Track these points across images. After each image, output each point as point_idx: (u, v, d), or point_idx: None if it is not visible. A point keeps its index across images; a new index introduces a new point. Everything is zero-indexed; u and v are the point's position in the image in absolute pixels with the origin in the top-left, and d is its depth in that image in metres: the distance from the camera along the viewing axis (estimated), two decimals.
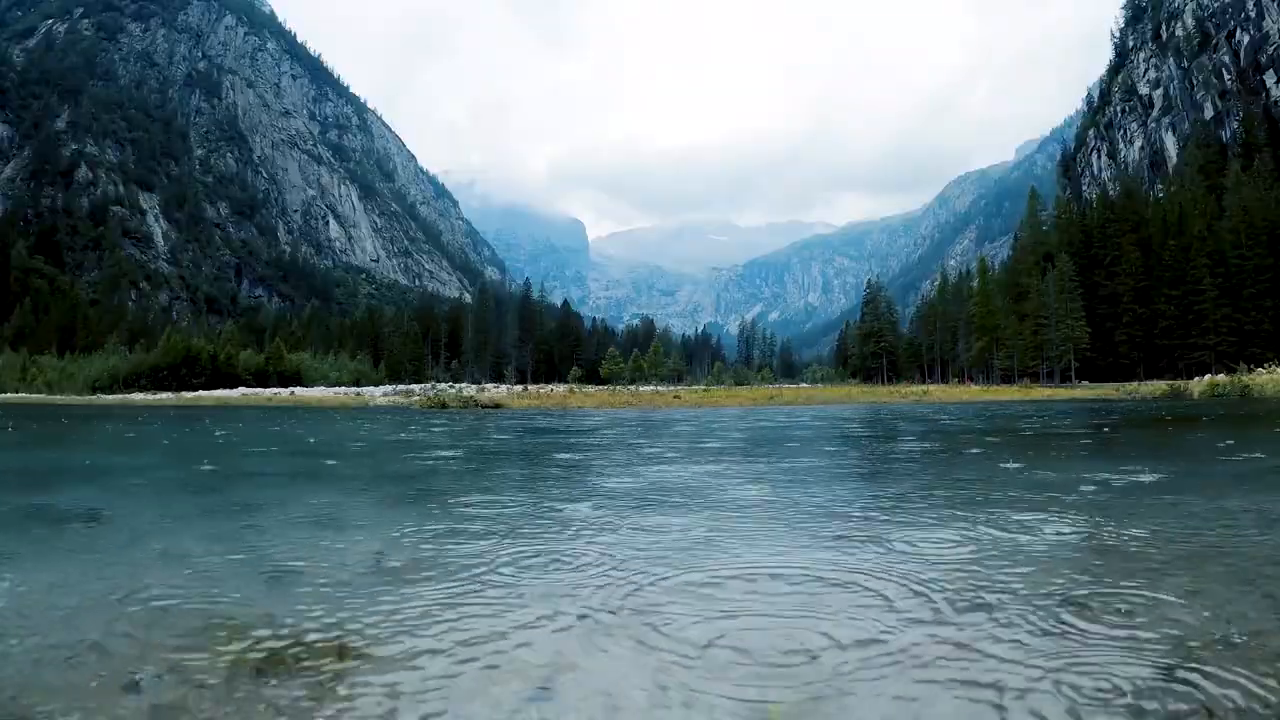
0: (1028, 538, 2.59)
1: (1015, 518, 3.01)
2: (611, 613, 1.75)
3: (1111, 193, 69.32)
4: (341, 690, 1.31)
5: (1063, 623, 1.62)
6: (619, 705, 1.25)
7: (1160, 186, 78.81)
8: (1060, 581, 1.98)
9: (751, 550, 2.47)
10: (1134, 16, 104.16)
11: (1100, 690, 1.26)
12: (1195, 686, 1.27)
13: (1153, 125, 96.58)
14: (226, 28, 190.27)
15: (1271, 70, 79.78)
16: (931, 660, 1.42)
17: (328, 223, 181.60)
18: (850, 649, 1.48)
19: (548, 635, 1.60)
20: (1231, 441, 6.47)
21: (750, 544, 2.58)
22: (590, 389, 39.32)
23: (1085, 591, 1.88)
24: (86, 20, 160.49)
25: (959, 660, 1.42)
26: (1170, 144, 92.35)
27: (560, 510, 3.36)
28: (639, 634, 1.59)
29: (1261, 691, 1.25)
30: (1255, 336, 48.49)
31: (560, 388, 41.49)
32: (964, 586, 1.94)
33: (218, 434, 10.53)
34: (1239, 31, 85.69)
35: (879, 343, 74.99)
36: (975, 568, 2.15)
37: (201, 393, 40.49)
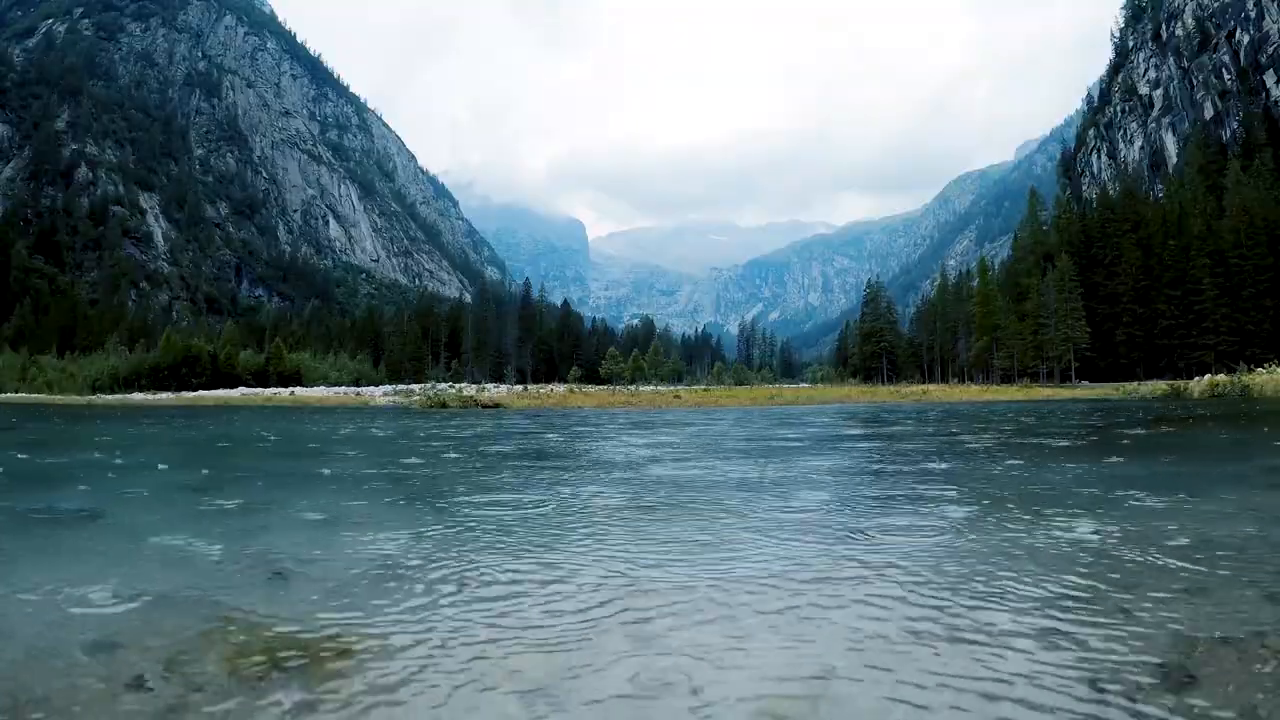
0: (1028, 536, 2.60)
1: (1014, 514, 3.01)
2: (610, 610, 1.75)
3: (1111, 193, 69.21)
4: (343, 690, 1.31)
5: (1062, 620, 1.62)
6: (619, 704, 1.25)
7: (1160, 186, 78.77)
8: (1059, 579, 1.98)
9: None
10: (1134, 16, 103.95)
11: (1099, 688, 1.26)
12: (1195, 686, 1.27)
13: (1153, 125, 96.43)
14: (226, 28, 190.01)
15: (1271, 70, 79.66)
16: (931, 652, 1.42)
17: (328, 223, 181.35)
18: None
19: (549, 635, 1.59)
20: (1231, 441, 6.47)
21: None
22: (590, 389, 39.31)
23: (1084, 590, 1.88)
24: (86, 20, 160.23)
25: (958, 653, 1.41)
26: (1170, 144, 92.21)
27: (559, 510, 3.36)
28: (636, 633, 1.60)
29: (1262, 691, 1.25)
30: (1255, 336, 48.41)
31: (560, 388, 41.46)
32: (965, 582, 1.95)
33: (217, 434, 10.53)
34: (1239, 31, 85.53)
35: (879, 343, 74.91)
36: (976, 564, 2.15)
37: (202, 393, 40.48)
